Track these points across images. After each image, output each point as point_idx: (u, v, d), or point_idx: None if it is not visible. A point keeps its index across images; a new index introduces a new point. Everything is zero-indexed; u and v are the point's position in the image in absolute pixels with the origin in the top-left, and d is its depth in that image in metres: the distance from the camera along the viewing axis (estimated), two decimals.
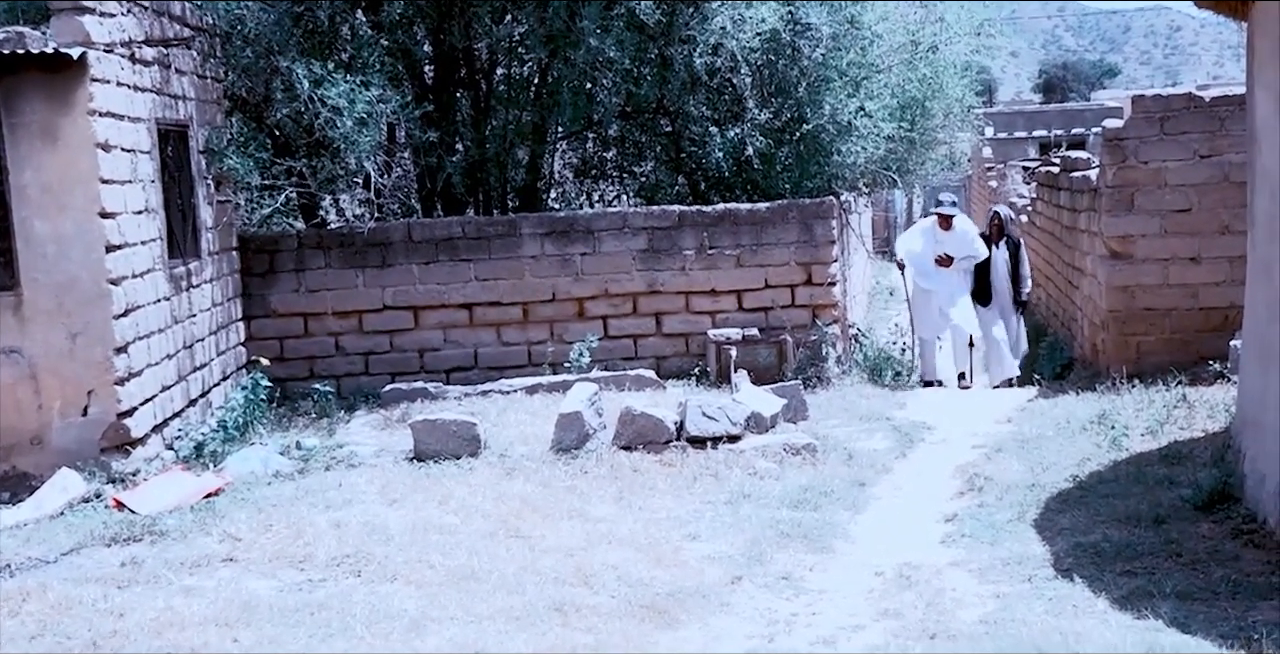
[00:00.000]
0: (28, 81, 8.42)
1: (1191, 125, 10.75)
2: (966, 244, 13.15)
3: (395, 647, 5.46)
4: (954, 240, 13.10)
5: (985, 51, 15.39)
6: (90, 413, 8.64)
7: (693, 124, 13.01)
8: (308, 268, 12.12)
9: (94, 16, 8.64)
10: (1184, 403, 9.33)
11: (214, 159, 10.97)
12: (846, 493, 8.24)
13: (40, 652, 5.53)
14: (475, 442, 8.92)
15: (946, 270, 13.09)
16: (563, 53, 12.61)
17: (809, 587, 6.46)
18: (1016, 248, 13.41)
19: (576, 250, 12.17)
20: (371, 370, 12.16)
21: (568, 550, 6.86)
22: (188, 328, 10.19)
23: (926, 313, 13.41)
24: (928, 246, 13.22)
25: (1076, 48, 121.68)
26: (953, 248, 13.05)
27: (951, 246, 13.05)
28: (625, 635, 5.63)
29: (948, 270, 13.08)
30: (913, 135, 14.47)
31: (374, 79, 11.27)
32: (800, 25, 12.75)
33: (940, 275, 13.13)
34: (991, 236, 13.36)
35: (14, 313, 8.55)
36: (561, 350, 11.91)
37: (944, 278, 13.12)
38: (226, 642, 5.55)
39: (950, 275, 13.11)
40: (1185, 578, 6.06)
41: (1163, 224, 10.85)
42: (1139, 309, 10.91)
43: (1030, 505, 7.60)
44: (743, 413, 9.06)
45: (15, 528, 7.79)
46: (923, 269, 13.26)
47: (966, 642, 5.41)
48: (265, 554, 6.81)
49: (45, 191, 8.50)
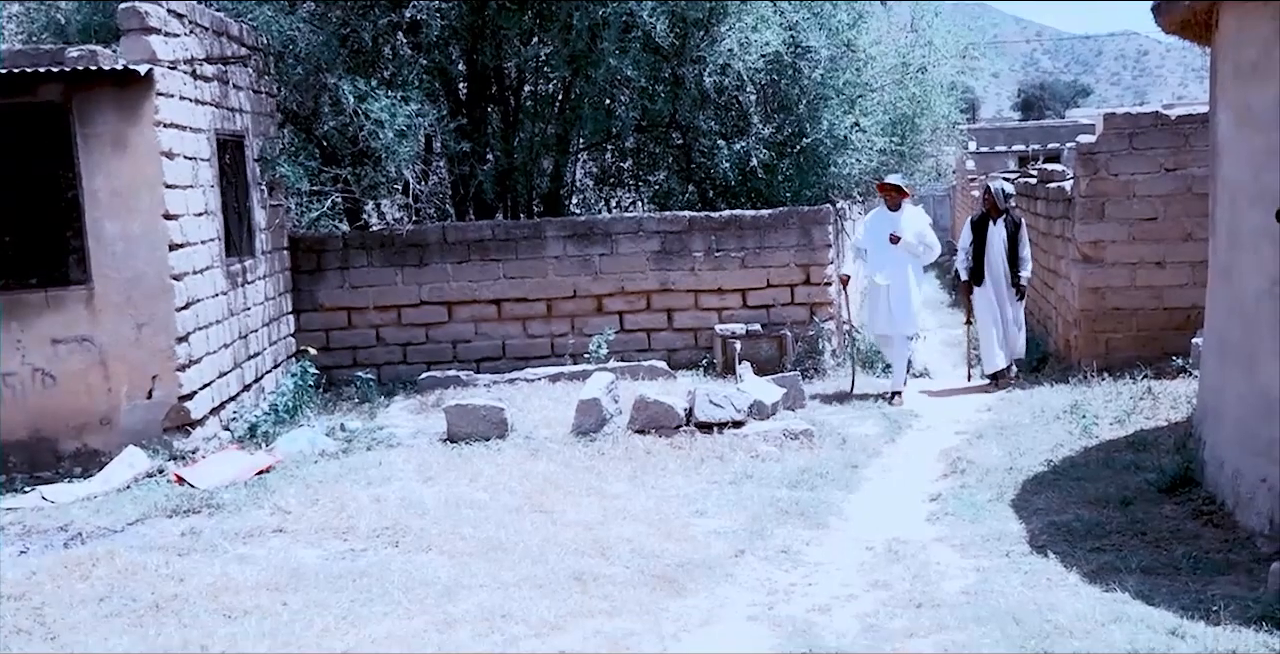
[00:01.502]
0: (100, 95, 8.43)
1: (1158, 141, 10.71)
2: (916, 225, 10.95)
3: (429, 610, 5.46)
4: (904, 221, 10.92)
5: (969, 73, 15.37)
6: (154, 396, 8.65)
7: (702, 137, 13.00)
8: (352, 266, 12.13)
9: (160, 36, 8.64)
10: (1149, 395, 9.29)
11: (267, 167, 10.97)
12: (840, 474, 8.22)
13: (108, 612, 5.55)
14: (503, 425, 8.91)
15: (900, 262, 10.84)
16: (584, 71, 12.60)
17: (806, 559, 6.44)
18: (1016, 227, 11.14)
19: (595, 251, 12.16)
20: (409, 360, 12.16)
21: (586, 525, 6.85)
22: (242, 320, 10.20)
23: (875, 309, 11.23)
24: (877, 229, 11.05)
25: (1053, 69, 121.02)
26: (903, 228, 10.87)
27: (900, 227, 10.87)
28: (638, 602, 5.62)
29: (900, 259, 10.84)
30: (903, 149, 14.43)
31: (413, 95, 11.28)
32: (801, 48, 12.73)
33: (893, 266, 10.87)
34: (988, 214, 11.22)
35: (86, 305, 8.57)
36: (581, 342, 11.91)
37: (896, 268, 10.85)
38: (276, 605, 5.56)
39: (901, 266, 10.85)
40: (1150, 555, 6.03)
41: (1131, 231, 10.81)
42: (1109, 308, 10.87)
43: (1008, 487, 7.57)
44: (746, 401, 9.04)
45: (86, 500, 7.82)
46: (875, 259, 11.03)
47: (949, 610, 5.39)
48: (312, 526, 6.82)
49: (115, 195, 8.51)
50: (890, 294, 10.90)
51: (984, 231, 11.23)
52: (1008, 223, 11.13)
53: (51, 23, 12.42)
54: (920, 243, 10.90)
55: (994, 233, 11.16)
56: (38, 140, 8.45)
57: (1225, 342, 6.93)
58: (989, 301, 11.22)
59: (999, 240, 11.13)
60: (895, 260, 10.86)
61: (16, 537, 7.02)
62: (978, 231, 11.28)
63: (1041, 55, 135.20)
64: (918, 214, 11.26)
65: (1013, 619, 5.15)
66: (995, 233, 11.15)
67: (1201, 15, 7.14)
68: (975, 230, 11.30)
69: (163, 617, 5.45)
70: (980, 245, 11.22)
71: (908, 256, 10.88)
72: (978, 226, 11.30)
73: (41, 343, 8.52)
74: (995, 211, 11.17)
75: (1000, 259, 11.13)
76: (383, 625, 5.29)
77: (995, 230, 11.15)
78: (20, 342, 8.50)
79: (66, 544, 6.77)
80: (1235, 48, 6.68)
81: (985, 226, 11.23)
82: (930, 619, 5.31)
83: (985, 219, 11.27)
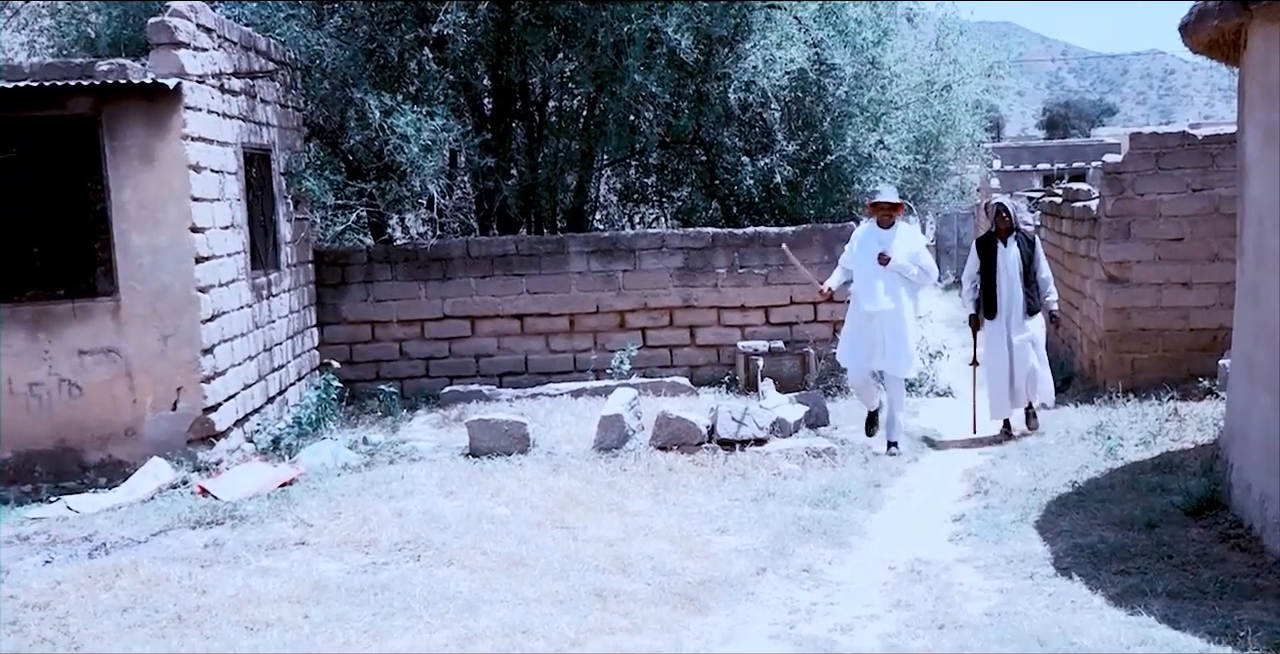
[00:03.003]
0: (129, 109, 8.51)
1: (1185, 161, 10.66)
2: (911, 245, 9.52)
3: (451, 625, 5.46)
4: (897, 240, 9.46)
5: (994, 91, 15.36)
6: (179, 407, 8.70)
7: (726, 154, 13.03)
8: (376, 280, 12.19)
9: (188, 50, 8.73)
10: (1175, 416, 9.22)
11: (293, 180, 11.04)
12: (863, 493, 8.19)
13: (131, 623, 5.57)
14: (525, 440, 8.92)
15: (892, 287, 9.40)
16: (609, 87, 12.66)
17: (828, 579, 6.41)
18: (1031, 246, 9.88)
19: (619, 267, 12.18)
20: (432, 374, 12.21)
21: (607, 541, 6.84)
22: (267, 332, 10.25)
23: (857, 338, 9.54)
24: (866, 249, 9.51)
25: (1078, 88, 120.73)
26: (895, 248, 9.41)
27: (893, 247, 9.41)
28: (659, 620, 5.60)
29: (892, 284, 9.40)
30: (927, 167, 14.44)
31: (438, 110, 11.35)
32: (826, 65, 12.75)
33: (885, 291, 9.39)
34: (999, 233, 9.89)
35: (113, 316, 8.63)
36: (604, 358, 11.92)
37: (889, 295, 9.38)
38: (299, 618, 5.56)
39: (895, 292, 9.40)
40: (1176, 578, 5.98)
41: (1157, 251, 10.76)
42: (1134, 329, 10.82)
43: (1032, 508, 7.52)
44: (769, 418, 9.02)
45: (111, 510, 7.86)
46: (862, 283, 9.51)
47: (972, 632, 5.35)
48: (334, 539, 6.83)
49: (142, 208, 8.58)
50: (884, 326, 9.39)
51: (992, 254, 9.89)
52: (1020, 242, 9.85)
53: (82, 37, 12.56)
54: (914, 265, 9.44)
55: (1005, 255, 9.83)
56: (67, 153, 8.53)
57: (1253, 363, 6.88)
58: (999, 337, 9.88)
59: (1012, 262, 9.80)
60: (888, 285, 9.40)
61: (42, 546, 7.05)
62: (985, 254, 9.94)
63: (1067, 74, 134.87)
64: (913, 233, 9.90)
65: (1037, 642, 5.11)
66: (1007, 254, 9.83)
67: (1230, 35, 7.11)
68: (982, 253, 9.97)
69: (185, 628, 5.46)
70: (990, 271, 9.89)
71: (901, 281, 9.44)
72: (984, 248, 9.98)
73: (68, 354, 8.58)
74: (1005, 230, 9.88)
75: (1014, 284, 9.80)
76: (404, 639, 5.29)
77: (1006, 251, 9.83)
78: (47, 352, 8.57)
79: (91, 554, 6.79)
80: (1264, 68, 6.66)
81: (993, 248, 9.90)
82: (953, 641, 5.28)
83: (992, 240, 9.94)
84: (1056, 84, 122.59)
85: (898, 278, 9.42)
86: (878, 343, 9.42)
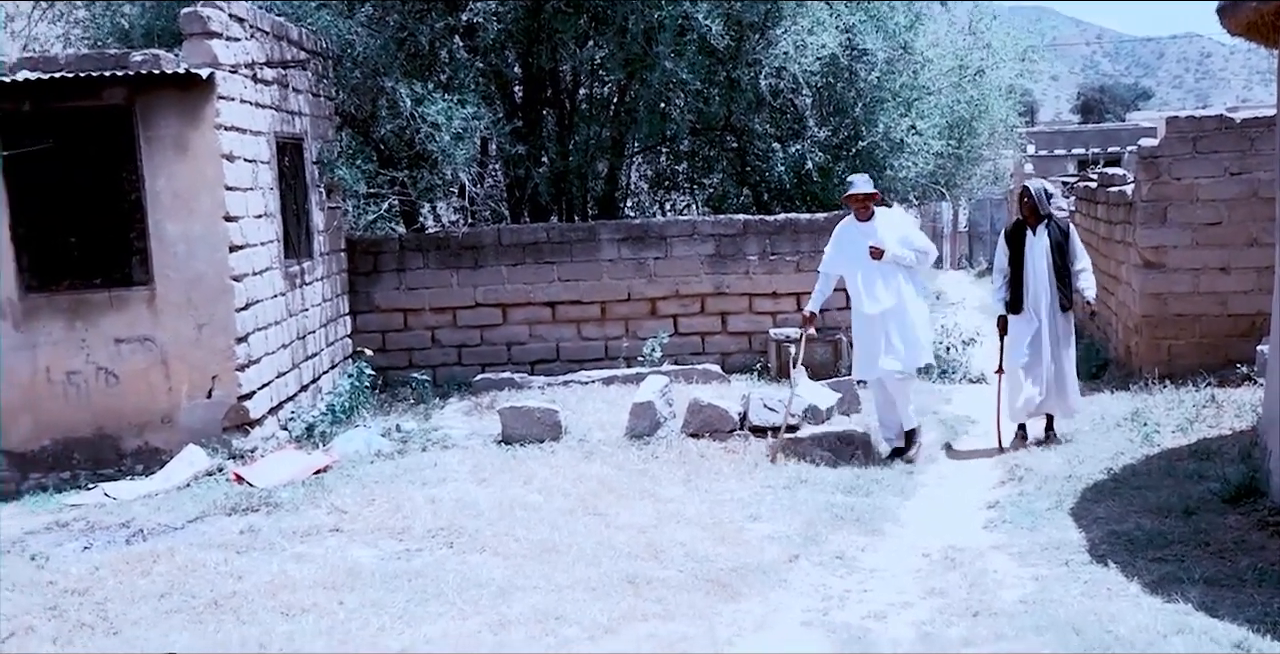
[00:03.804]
0: (162, 99, 8.56)
1: (1222, 144, 10.53)
2: (898, 230, 8.86)
3: (484, 611, 5.48)
4: (882, 230, 8.78)
5: (1028, 76, 15.21)
6: (214, 395, 8.77)
7: (757, 140, 12.98)
8: (408, 268, 12.23)
9: (221, 40, 8.76)
10: (1213, 403, 9.13)
11: (325, 169, 11.08)
12: (896, 480, 8.16)
13: (168, 608, 5.62)
14: (557, 427, 8.93)
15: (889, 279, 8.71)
16: (640, 74, 12.62)
17: (861, 566, 6.39)
18: (1064, 235, 8.89)
19: (650, 255, 12.17)
20: (464, 361, 12.24)
21: (640, 528, 6.85)
22: (301, 321, 10.31)
23: (870, 345, 8.83)
24: (849, 246, 8.83)
25: (1113, 72, 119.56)
26: (883, 238, 8.72)
27: (880, 237, 8.72)
28: (692, 606, 5.61)
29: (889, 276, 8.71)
30: (960, 152, 14.34)
31: (469, 98, 11.35)
32: (857, 50, 12.67)
33: (882, 287, 8.71)
34: (1026, 220, 8.94)
35: (148, 305, 8.70)
36: (635, 345, 11.93)
37: (887, 289, 8.70)
38: (333, 603, 5.60)
39: (892, 284, 8.71)
40: (1213, 566, 5.92)
41: (1194, 236, 10.63)
42: (1171, 315, 10.71)
43: (1067, 495, 7.47)
44: (801, 405, 9.00)
45: (147, 497, 7.94)
46: (859, 286, 8.80)
47: (1007, 620, 5.32)
48: (368, 525, 6.87)
49: (176, 197, 8.63)
50: (889, 321, 8.72)
51: (1020, 244, 8.96)
52: (1052, 231, 8.88)
53: (116, 28, 12.63)
54: (910, 249, 8.79)
55: (1034, 245, 8.86)
56: (102, 143, 8.60)
57: None
58: (1024, 333, 8.93)
59: (1041, 253, 8.84)
60: (885, 280, 8.71)
61: (81, 532, 7.14)
62: (1014, 245, 9.01)
63: (1101, 58, 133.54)
64: (897, 216, 9.20)
65: (1072, 629, 5.08)
66: (1036, 244, 8.86)
67: (1269, 16, 7.00)
68: (1011, 243, 9.04)
69: (222, 614, 5.51)
70: (1018, 262, 8.95)
71: (898, 269, 8.76)
72: (1014, 237, 9.03)
73: (105, 342, 8.66)
74: (1034, 218, 8.91)
75: (1045, 277, 8.84)
76: (437, 626, 5.32)
77: (1036, 241, 8.86)
78: (85, 341, 8.65)
79: (128, 541, 6.87)
80: None
81: (1022, 238, 8.96)
82: (988, 628, 5.25)
83: (1022, 229, 8.99)
84: (1091, 68, 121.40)
85: (895, 269, 8.73)
86: (891, 341, 8.74)
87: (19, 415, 8.66)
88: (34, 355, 8.63)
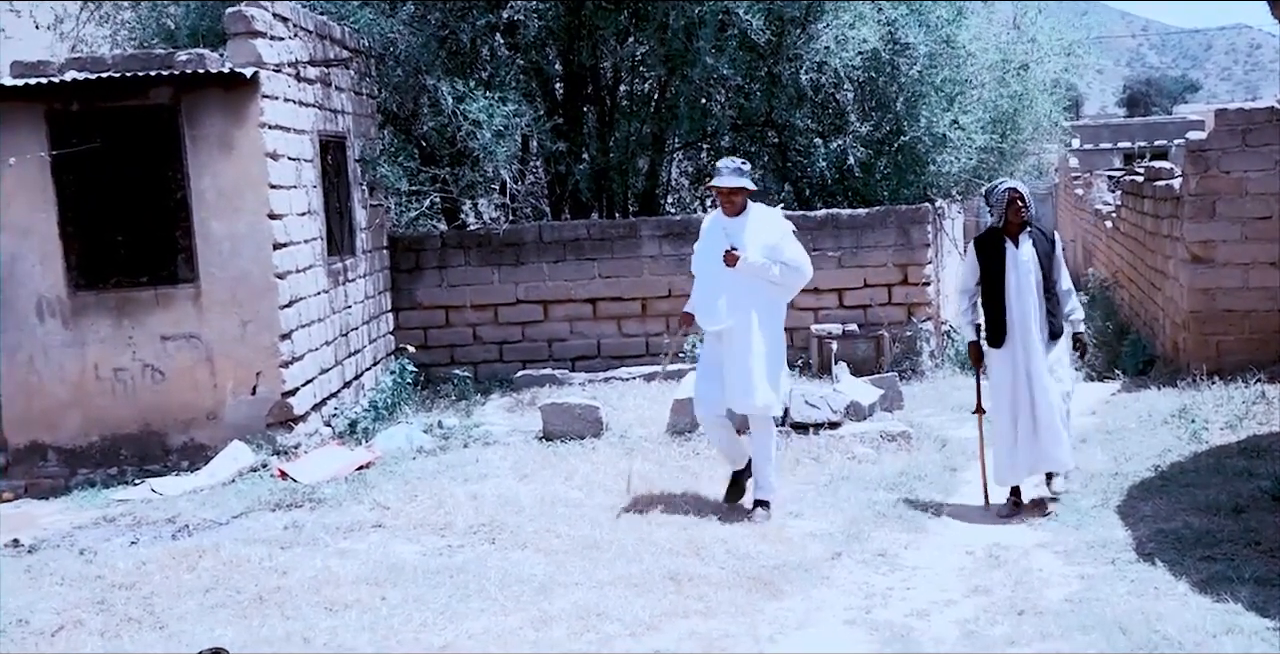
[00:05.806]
0: (207, 98, 8.63)
1: (1273, 137, 10.35)
2: (768, 235, 6.97)
3: (525, 608, 5.49)
4: (749, 232, 6.98)
5: (1073, 70, 15.01)
6: (258, 392, 8.84)
7: (798, 135, 12.91)
8: (449, 265, 12.27)
9: (265, 40, 8.83)
10: (1262, 399, 8.99)
11: (368, 167, 11.14)
12: (939, 477, 8.09)
13: (213, 603, 5.67)
14: (598, 424, 8.93)
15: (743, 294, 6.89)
16: (680, 70, 12.60)
17: (904, 563, 6.34)
18: (1051, 246, 7.12)
19: (691, 251, 12.11)
20: (505, 358, 12.28)
21: (681, 524, 6.83)
22: (343, 318, 10.37)
23: (707, 368, 7.09)
24: (709, 246, 7.13)
25: (1159, 64, 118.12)
26: (746, 241, 6.93)
27: (744, 240, 6.94)
28: (733, 603, 5.59)
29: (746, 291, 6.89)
30: (1003, 146, 14.17)
31: (510, 95, 11.38)
32: (899, 44, 12.57)
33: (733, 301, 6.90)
34: (1007, 229, 7.08)
35: (194, 303, 8.79)
36: (676, 342, 11.89)
37: (736, 306, 6.88)
38: (376, 599, 5.63)
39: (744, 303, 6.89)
40: (1264, 565, 5.82)
41: (1243, 230, 10.47)
42: (1219, 310, 10.55)
43: (1114, 493, 7.37)
44: (843, 402, 8.94)
45: (193, 493, 8.02)
46: (700, 296, 7.13)
47: (1053, 618, 5.26)
48: (410, 521, 6.90)
49: (221, 195, 8.71)
50: (730, 349, 6.92)
51: (1000, 258, 7.10)
52: (1037, 240, 7.11)
53: (162, 28, 12.77)
54: (774, 262, 6.92)
55: (1017, 258, 7.05)
56: (148, 142, 8.68)
57: None
58: (1008, 371, 7.10)
59: (1028, 268, 7.02)
60: (732, 295, 6.92)
61: (127, 527, 7.23)
62: (989, 259, 7.14)
63: (1148, 50, 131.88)
64: (771, 218, 7.17)
65: (1119, 629, 5.01)
66: (1019, 257, 7.05)
67: None
68: (984, 256, 7.17)
69: (266, 608, 5.56)
70: (995, 280, 7.10)
71: (757, 287, 6.94)
72: (987, 250, 7.17)
73: (151, 339, 8.76)
74: (1016, 226, 7.09)
75: (1028, 298, 7.01)
76: (479, 622, 5.34)
77: (1018, 253, 7.05)
78: (131, 338, 8.75)
79: (174, 536, 6.94)
80: None
81: (1000, 250, 7.11)
82: (1033, 627, 5.19)
83: (999, 239, 7.13)
84: (1137, 60, 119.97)
85: (751, 284, 6.91)
86: (726, 372, 6.96)
87: (68, 412, 8.78)
88: (82, 352, 8.74)
